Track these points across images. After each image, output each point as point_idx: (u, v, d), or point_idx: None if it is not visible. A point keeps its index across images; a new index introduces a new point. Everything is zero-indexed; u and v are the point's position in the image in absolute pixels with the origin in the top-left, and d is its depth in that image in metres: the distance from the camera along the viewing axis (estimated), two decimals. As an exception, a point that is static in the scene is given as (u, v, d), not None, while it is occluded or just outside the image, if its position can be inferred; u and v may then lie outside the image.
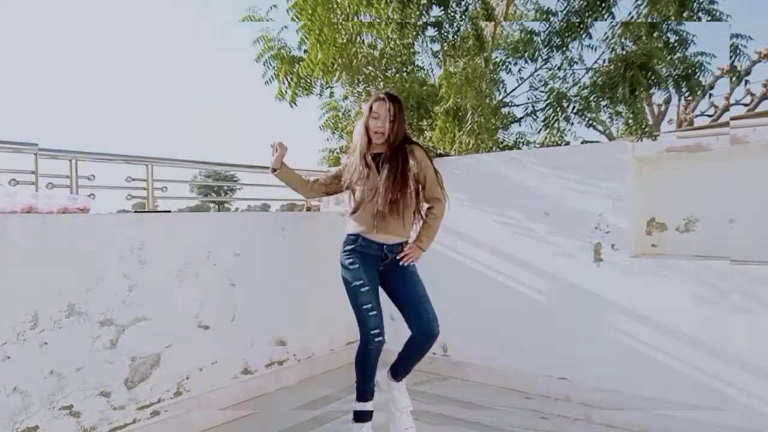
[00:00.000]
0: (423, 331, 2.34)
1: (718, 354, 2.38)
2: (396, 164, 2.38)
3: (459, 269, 3.33)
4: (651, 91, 4.79)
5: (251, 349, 3.01)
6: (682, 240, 2.82)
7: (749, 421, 2.28)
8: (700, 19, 4.45)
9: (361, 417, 2.40)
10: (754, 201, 2.57)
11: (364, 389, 2.40)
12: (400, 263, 2.42)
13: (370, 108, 2.43)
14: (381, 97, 2.42)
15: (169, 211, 2.78)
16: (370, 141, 2.44)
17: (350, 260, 2.40)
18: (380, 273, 2.45)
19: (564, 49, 4.68)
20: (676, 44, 4.59)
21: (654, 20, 4.30)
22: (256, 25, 4.56)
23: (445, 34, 4.74)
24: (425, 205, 2.54)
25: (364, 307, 2.32)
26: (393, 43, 4.54)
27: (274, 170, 2.64)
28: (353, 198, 2.50)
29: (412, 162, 2.42)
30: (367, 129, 2.44)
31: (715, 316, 2.39)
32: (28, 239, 2.05)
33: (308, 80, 4.66)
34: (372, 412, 2.43)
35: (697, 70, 4.61)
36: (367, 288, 2.33)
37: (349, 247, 2.43)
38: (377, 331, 2.30)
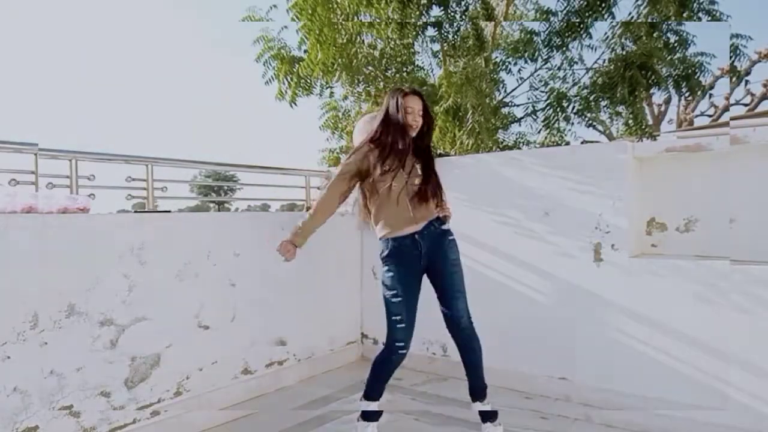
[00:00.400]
0: (450, 325, 2.36)
1: (718, 354, 2.38)
2: (429, 155, 2.45)
3: (459, 269, 3.32)
4: (651, 91, 4.79)
5: (251, 349, 3.01)
6: (682, 240, 2.82)
7: (749, 421, 2.28)
8: (700, 19, 4.45)
9: (368, 416, 2.40)
10: (754, 201, 2.57)
11: (374, 390, 2.40)
12: (442, 219, 2.42)
13: (402, 101, 2.35)
14: (410, 92, 2.38)
15: (169, 211, 2.78)
16: (400, 132, 2.35)
17: (386, 268, 2.34)
18: (423, 268, 2.37)
19: (564, 49, 4.68)
20: (676, 44, 4.60)
21: (654, 20, 4.30)
22: (256, 25, 4.57)
23: (445, 34, 4.74)
24: None
25: (394, 318, 2.30)
26: (393, 43, 4.54)
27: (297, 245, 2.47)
28: (369, 193, 2.39)
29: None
30: (404, 122, 2.35)
31: (715, 316, 2.39)
32: (28, 239, 2.05)
33: (308, 80, 4.67)
34: (380, 412, 2.43)
35: (697, 70, 4.62)
36: (399, 299, 2.28)
37: (384, 254, 2.35)
38: (402, 344, 2.29)
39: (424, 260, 2.34)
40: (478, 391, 2.43)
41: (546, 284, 2.98)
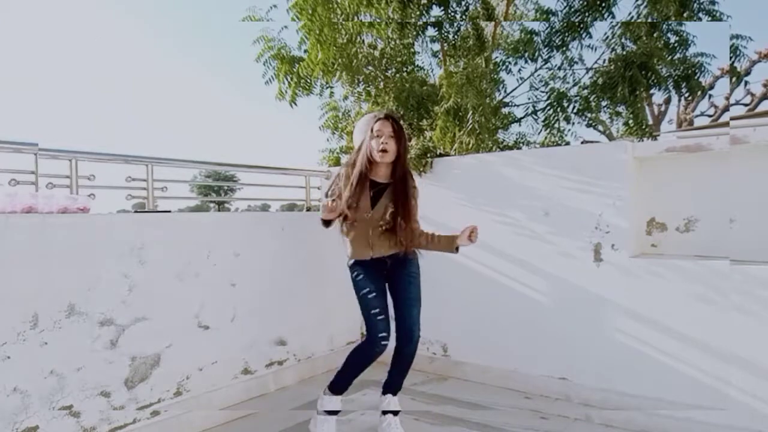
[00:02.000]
0: (403, 333, 2.42)
1: (718, 354, 2.38)
2: (402, 200, 2.40)
3: (459, 269, 3.32)
4: (651, 91, 4.78)
5: (251, 349, 3.01)
6: (682, 240, 2.82)
7: (749, 421, 2.29)
8: (700, 19, 4.44)
9: (331, 411, 2.45)
10: (754, 201, 2.57)
11: (343, 381, 2.46)
12: (471, 239, 2.44)
13: (371, 130, 2.41)
14: (381, 117, 2.43)
15: (169, 211, 2.78)
16: (369, 168, 2.40)
17: (355, 273, 2.48)
18: (386, 274, 2.50)
19: (564, 49, 4.68)
20: (676, 44, 4.59)
21: (654, 20, 4.30)
22: (256, 25, 4.56)
23: (446, 34, 4.74)
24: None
25: (373, 311, 2.38)
26: (393, 43, 4.53)
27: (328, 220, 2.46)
28: (344, 222, 2.47)
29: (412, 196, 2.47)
30: (368, 155, 2.39)
31: (715, 316, 2.39)
32: (28, 239, 2.05)
33: (308, 80, 4.66)
34: (339, 411, 2.49)
35: (697, 71, 4.61)
36: (374, 294, 2.40)
37: (351, 262, 2.52)
38: (385, 334, 2.36)
39: (388, 269, 2.48)
40: (394, 387, 2.54)
41: (546, 284, 2.98)
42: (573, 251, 2.87)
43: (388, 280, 2.51)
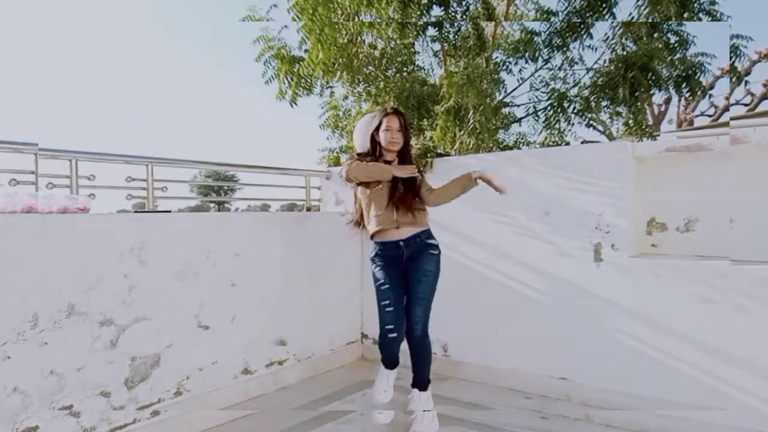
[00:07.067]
0: (408, 328, 2.51)
1: (718, 354, 2.38)
2: (411, 180, 2.56)
3: (459, 269, 3.32)
4: (651, 91, 4.78)
5: (251, 349, 3.01)
6: (682, 240, 2.82)
7: (749, 421, 2.29)
8: (700, 19, 4.44)
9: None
10: (754, 201, 2.57)
11: (386, 361, 2.60)
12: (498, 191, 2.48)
13: (380, 123, 2.58)
14: (390, 112, 2.59)
15: (169, 211, 2.78)
16: (380, 153, 2.60)
17: (374, 265, 2.60)
18: (404, 268, 2.58)
19: (564, 49, 4.67)
20: (676, 45, 4.59)
21: (654, 21, 4.30)
22: (256, 24, 4.56)
23: (446, 33, 4.74)
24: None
25: (382, 302, 2.49)
26: (393, 42, 4.54)
27: None
28: (363, 204, 2.63)
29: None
30: (375, 140, 2.60)
31: (715, 316, 2.39)
32: (28, 239, 2.05)
33: (308, 80, 4.66)
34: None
35: (697, 71, 4.60)
36: (387, 286, 2.50)
37: (373, 254, 2.62)
38: (391, 326, 2.45)
39: (405, 263, 2.56)
40: (420, 383, 2.61)
41: (546, 284, 2.98)
42: (573, 251, 2.87)
43: (405, 272, 2.59)
